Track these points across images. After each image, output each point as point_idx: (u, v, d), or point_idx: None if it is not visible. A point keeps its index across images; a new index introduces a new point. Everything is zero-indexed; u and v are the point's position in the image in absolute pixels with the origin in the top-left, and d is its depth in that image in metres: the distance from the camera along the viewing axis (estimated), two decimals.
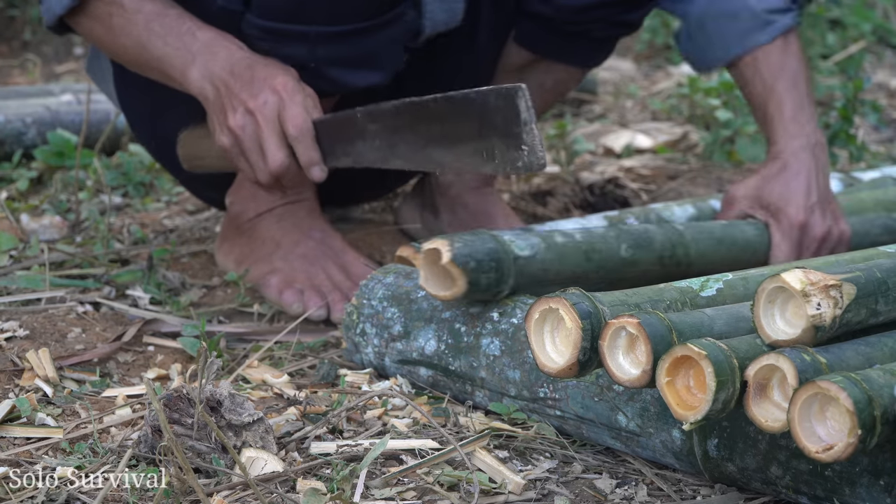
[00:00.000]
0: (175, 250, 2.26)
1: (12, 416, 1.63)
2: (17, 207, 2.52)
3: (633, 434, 1.54)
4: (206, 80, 1.88)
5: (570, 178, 2.81)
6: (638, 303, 1.46)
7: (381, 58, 1.97)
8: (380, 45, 1.95)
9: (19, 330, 1.90)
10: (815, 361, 1.29)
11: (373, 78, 1.97)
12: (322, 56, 1.92)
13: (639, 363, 1.36)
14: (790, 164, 2.06)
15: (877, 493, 1.35)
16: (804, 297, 1.30)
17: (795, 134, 2.09)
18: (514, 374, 1.64)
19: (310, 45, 1.91)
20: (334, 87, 1.97)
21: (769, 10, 2.14)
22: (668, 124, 3.42)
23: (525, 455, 1.58)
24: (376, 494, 1.45)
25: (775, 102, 2.11)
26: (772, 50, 2.13)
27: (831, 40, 4.22)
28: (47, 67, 4.07)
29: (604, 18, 2.16)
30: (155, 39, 1.90)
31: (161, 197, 2.67)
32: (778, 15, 2.14)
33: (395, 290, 1.79)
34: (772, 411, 1.30)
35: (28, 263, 2.17)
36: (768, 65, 2.13)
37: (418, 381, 1.75)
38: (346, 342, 1.83)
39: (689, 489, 1.51)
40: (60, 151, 2.73)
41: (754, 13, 2.13)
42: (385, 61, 1.98)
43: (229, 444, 1.42)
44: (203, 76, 1.88)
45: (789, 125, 2.09)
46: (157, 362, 1.85)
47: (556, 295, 1.41)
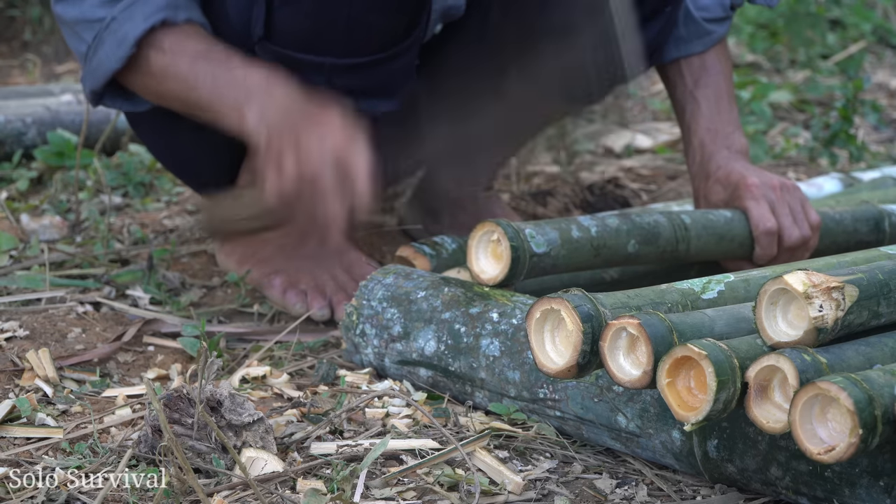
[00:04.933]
0: (175, 250, 2.26)
1: (12, 416, 1.63)
2: (17, 207, 2.52)
3: (632, 435, 1.54)
4: (262, 123, 1.75)
5: (570, 178, 2.81)
6: (639, 305, 1.46)
7: (395, 85, 1.97)
8: (394, 74, 1.95)
9: (19, 330, 1.90)
10: (816, 362, 1.29)
11: (387, 106, 1.96)
12: (337, 86, 1.89)
13: (639, 364, 1.36)
14: (713, 156, 2.08)
15: (877, 494, 1.35)
16: (806, 298, 1.30)
17: (714, 141, 2.10)
18: (513, 374, 1.64)
19: (325, 75, 1.88)
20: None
21: (708, 19, 2.16)
22: (668, 124, 3.42)
23: (525, 455, 1.58)
24: (376, 494, 1.45)
25: (690, 112, 2.13)
26: (697, 59, 2.16)
27: (831, 40, 4.22)
28: (47, 67, 4.07)
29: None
30: (203, 80, 1.81)
31: (161, 197, 2.66)
32: (715, 25, 2.16)
33: (395, 290, 1.79)
34: (773, 412, 1.30)
35: (28, 263, 2.17)
36: (691, 73, 2.15)
37: (418, 381, 1.75)
38: (345, 343, 1.83)
39: (689, 489, 1.51)
40: (60, 151, 2.73)
41: (694, 21, 2.15)
42: (399, 87, 1.98)
43: (229, 444, 1.42)
44: (261, 119, 1.76)
45: (708, 134, 2.11)
46: (157, 362, 1.85)
47: (558, 296, 1.41)
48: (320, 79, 1.88)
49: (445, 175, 2.36)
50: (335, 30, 1.85)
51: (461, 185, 2.35)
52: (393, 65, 1.93)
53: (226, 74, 1.80)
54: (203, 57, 1.83)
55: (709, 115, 2.12)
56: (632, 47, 1.69)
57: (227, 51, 1.83)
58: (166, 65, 1.84)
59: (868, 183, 2.43)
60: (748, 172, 2.02)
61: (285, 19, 1.85)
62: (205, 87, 1.82)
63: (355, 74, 1.90)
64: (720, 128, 2.11)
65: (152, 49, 1.84)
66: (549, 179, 2.83)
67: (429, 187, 2.40)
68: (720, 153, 2.08)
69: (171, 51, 1.84)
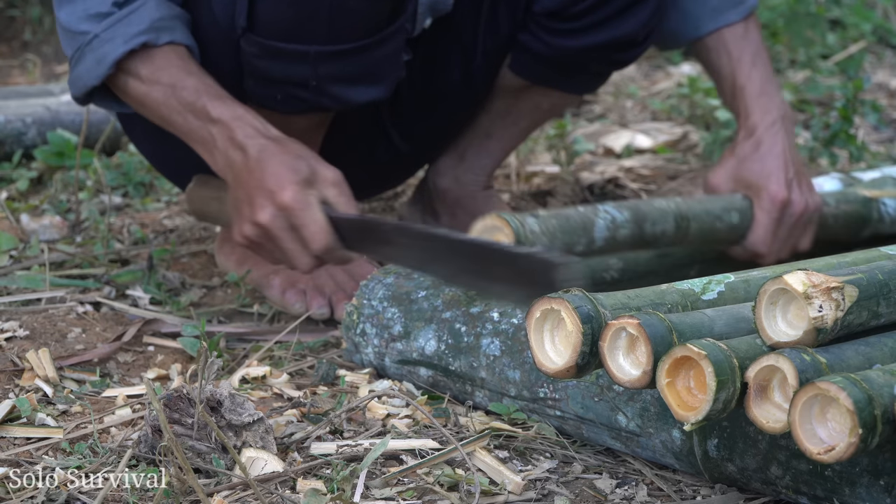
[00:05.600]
0: (175, 250, 2.27)
1: (12, 416, 1.63)
2: (17, 207, 2.52)
3: (633, 434, 1.54)
4: (226, 169, 1.85)
5: (570, 178, 2.81)
6: (639, 305, 1.45)
7: (382, 72, 1.97)
8: (381, 61, 1.95)
9: (19, 330, 1.90)
10: (816, 361, 1.29)
11: (374, 93, 1.97)
12: (323, 74, 1.90)
13: (639, 364, 1.36)
14: (764, 140, 2.09)
15: (877, 494, 1.35)
16: (806, 298, 1.30)
17: (767, 108, 2.12)
18: (514, 374, 1.64)
19: (311, 63, 1.89)
20: (336, 103, 1.96)
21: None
22: (668, 124, 3.42)
23: (525, 455, 1.58)
24: (376, 494, 1.45)
25: (744, 77, 2.14)
26: (738, 28, 2.17)
27: (831, 40, 4.22)
28: (47, 67, 4.07)
29: (600, 57, 2.17)
30: (175, 116, 1.87)
31: (161, 197, 2.67)
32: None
33: (396, 290, 1.79)
34: (773, 412, 1.30)
35: (28, 263, 2.17)
36: (735, 41, 2.17)
37: (418, 381, 1.75)
38: (346, 342, 1.83)
39: (689, 489, 1.51)
40: (60, 151, 2.73)
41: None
42: (386, 75, 1.98)
43: (229, 444, 1.42)
44: (225, 166, 1.85)
45: (760, 99, 2.13)
46: (157, 362, 1.85)
47: (558, 295, 1.41)
48: (304, 68, 1.89)
49: (445, 172, 2.37)
50: (318, 17, 1.86)
51: (460, 184, 2.36)
52: (378, 51, 1.93)
53: (194, 116, 1.86)
54: (175, 94, 1.86)
55: (759, 85, 2.14)
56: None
57: (199, 86, 1.86)
58: (143, 94, 1.89)
59: (868, 183, 2.43)
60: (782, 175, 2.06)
61: (268, 10, 1.86)
62: (176, 124, 1.88)
63: (340, 61, 1.90)
64: (771, 94, 2.14)
65: (130, 76, 1.89)
66: (549, 179, 2.83)
67: (427, 189, 2.40)
68: (771, 127, 2.11)
69: (148, 80, 1.87)
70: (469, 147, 2.35)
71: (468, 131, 2.34)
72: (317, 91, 1.92)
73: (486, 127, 2.33)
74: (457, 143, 2.35)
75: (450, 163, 2.36)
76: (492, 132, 2.33)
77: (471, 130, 2.34)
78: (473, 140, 2.34)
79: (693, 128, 3.34)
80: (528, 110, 2.30)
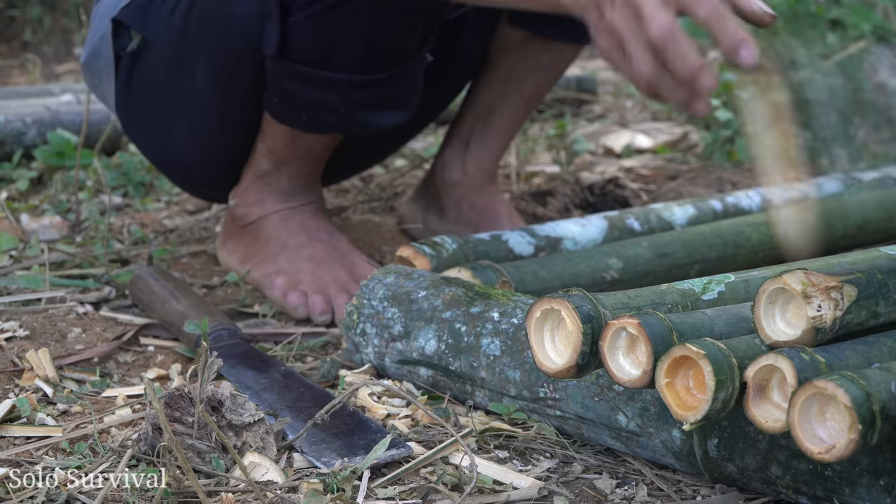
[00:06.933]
0: (175, 250, 2.27)
1: (12, 416, 1.63)
2: (17, 207, 2.52)
3: (633, 434, 1.54)
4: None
5: (570, 178, 2.81)
6: (639, 305, 1.45)
7: (407, 97, 1.99)
8: (407, 86, 1.96)
9: (19, 330, 1.90)
10: (814, 361, 1.29)
11: (399, 117, 1.99)
12: (353, 101, 1.92)
13: (639, 364, 1.36)
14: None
15: (877, 493, 1.35)
16: (805, 298, 1.30)
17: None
18: (514, 374, 1.65)
19: (342, 91, 1.90)
20: (362, 128, 1.98)
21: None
22: (668, 124, 3.43)
23: (525, 455, 1.58)
24: (377, 494, 1.45)
25: None
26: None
27: (831, 40, 4.22)
28: (47, 67, 4.07)
29: None
30: None
31: (161, 197, 2.67)
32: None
33: (396, 290, 1.79)
34: (772, 412, 1.30)
35: (28, 263, 2.17)
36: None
37: (418, 381, 1.75)
38: (346, 342, 1.83)
39: (689, 489, 1.51)
40: (60, 151, 2.73)
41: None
42: (410, 98, 2.00)
43: (229, 444, 1.42)
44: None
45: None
46: (157, 362, 1.85)
47: (558, 295, 1.41)
48: (334, 95, 1.89)
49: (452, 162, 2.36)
50: (354, 48, 1.86)
51: (468, 174, 2.34)
52: (406, 78, 1.95)
53: None
54: None
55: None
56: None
57: None
58: None
59: (868, 183, 2.43)
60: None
61: (304, 36, 1.87)
62: None
63: (371, 89, 1.92)
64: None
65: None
66: (549, 179, 2.83)
67: (432, 186, 2.39)
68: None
69: None
70: (473, 132, 2.33)
71: (470, 114, 2.32)
72: (344, 117, 1.93)
73: (488, 102, 2.31)
74: (460, 132, 2.34)
75: (455, 153, 2.35)
76: (494, 107, 2.31)
77: (472, 113, 2.32)
78: (476, 123, 2.33)
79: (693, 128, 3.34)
80: (527, 71, 2.28)
